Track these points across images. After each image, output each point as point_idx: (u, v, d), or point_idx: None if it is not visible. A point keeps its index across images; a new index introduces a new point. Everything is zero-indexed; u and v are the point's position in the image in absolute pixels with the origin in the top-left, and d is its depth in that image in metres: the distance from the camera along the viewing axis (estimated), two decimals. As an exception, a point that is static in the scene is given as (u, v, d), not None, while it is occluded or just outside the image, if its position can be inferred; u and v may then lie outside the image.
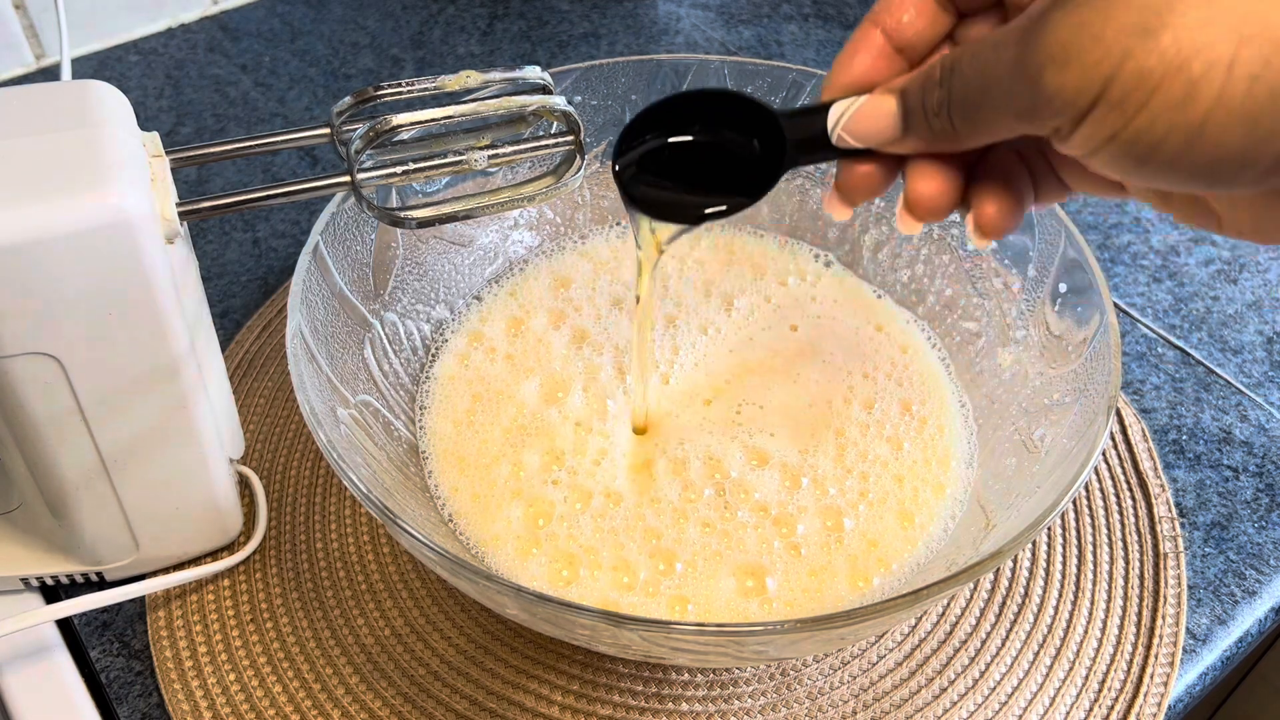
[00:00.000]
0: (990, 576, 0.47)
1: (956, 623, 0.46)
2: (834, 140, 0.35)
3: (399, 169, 0.40)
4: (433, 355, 0.51)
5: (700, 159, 0.38)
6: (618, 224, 0.57)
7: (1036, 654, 0.45)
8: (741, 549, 0.44)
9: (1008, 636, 0.45)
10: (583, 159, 0.43)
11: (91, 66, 0.75)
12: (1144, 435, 0.53)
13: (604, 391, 0.49)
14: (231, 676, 0.43)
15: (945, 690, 0.44)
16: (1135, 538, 0.49)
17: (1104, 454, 0.52)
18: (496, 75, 0.42)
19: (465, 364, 0.50)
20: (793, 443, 0.47)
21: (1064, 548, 0.48)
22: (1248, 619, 0.47)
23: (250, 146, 0.41)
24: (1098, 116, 0.26)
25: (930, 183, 0.34)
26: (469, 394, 0.49)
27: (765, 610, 0.42)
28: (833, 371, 0.50)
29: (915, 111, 0.32)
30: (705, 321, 0.52)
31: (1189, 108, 0.25)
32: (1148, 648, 0.45)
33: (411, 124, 0.39)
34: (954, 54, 0.31)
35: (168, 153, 0.39)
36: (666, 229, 0.39)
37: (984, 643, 0.45)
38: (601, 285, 0.54)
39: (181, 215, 0.38)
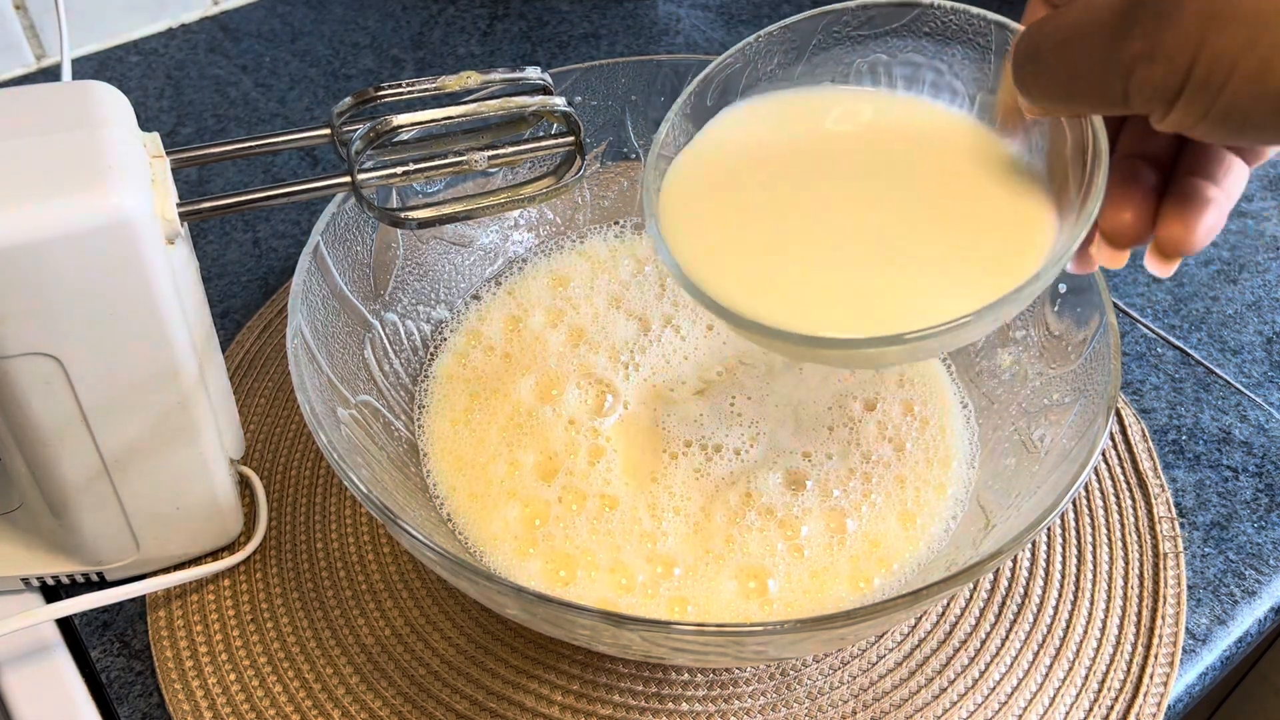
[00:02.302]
0: (990, 576, 0.47)
1: (956, 623, 0.46)
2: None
3: (399, 169, 0.40)
4: (432, 354, 0.51)
5: None
6: (616, 223, 0.57)
7: (1036, 654, 0.45)
8: (745, 552, 0.44)
9: (1007, 636, 0.45)
10: (583, 159, 0.43)
11: (92, 67, 0.75)
12: (1143, 435, 0.53)
13: (601, 390, 0.49)
14: (232, 676, 0.43)
15: (945, 690, 0.44)
16: (1135, 538, 0.49)
17: (1104, 454, 0.52)
18: (497, 76, 0.42)
19: (463, 363, 0.50)
20: (795, 443, 0.47)
21: (1064, 548, 0.48)
22: (1247, 619, 0.47)
23: (251, 147, 0.41)
24: (1187, 99, 0.28)
25: (1121, 215, 0.35)
26: (467, 392, 0.49)
27: (765, 611, 0.42)
28: (833, 371, 0.50)
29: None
30: (705, 319, 0.52)
31: (1268, 79, 0.27)
32: (1147, 648, 0.45)
33: (412, 124, 0.39)
34: (1033, 42, 0.32)
35: (168, 153, 0.39)
36: None
37: (984, 643, 0.45)
38: (600, 284, 0.54)
39: (182, 216, 0.38)
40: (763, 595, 0.42)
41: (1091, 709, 0.43)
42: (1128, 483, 0.51)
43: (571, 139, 0.42)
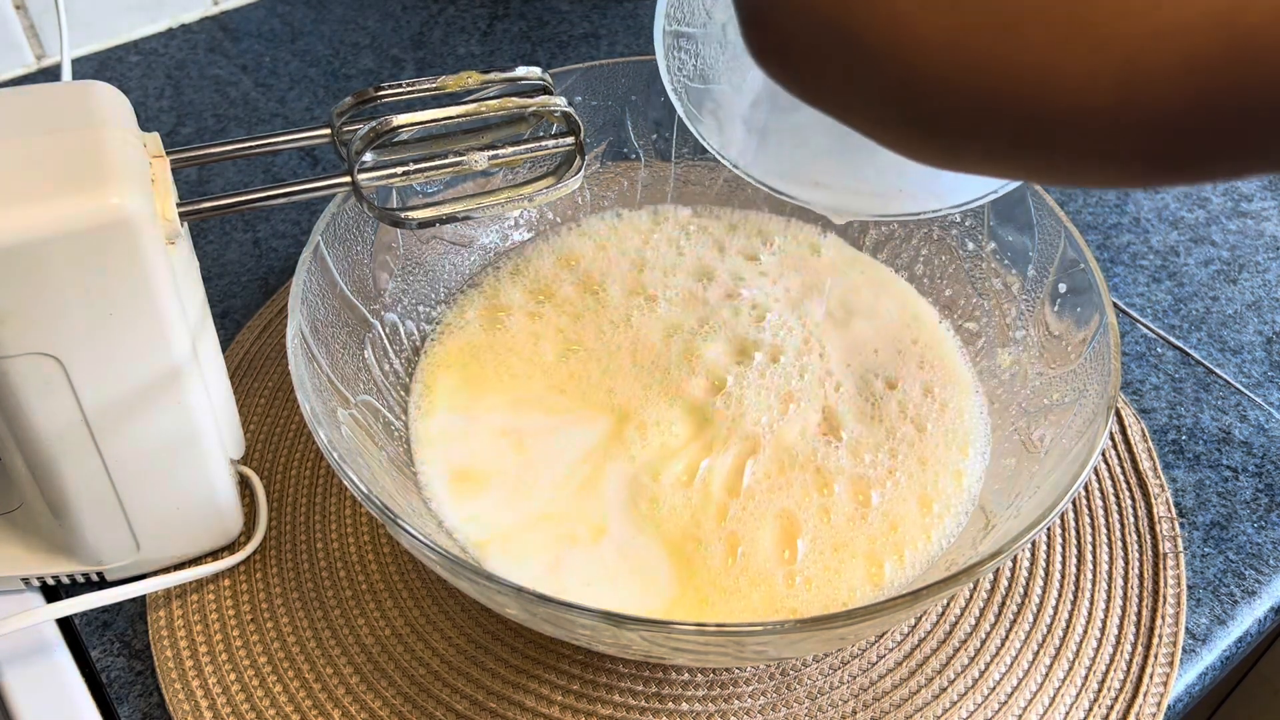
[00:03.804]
0: (990, 576, 0.47)
1: (956, 623, 0.46)
2: None
3: (399, 169, 0.40)
4: (424, 351, 0.51)
5: None
6: (616, 216, 0.57)
7: (1036, 654, 0.45)
8: (787, 493, 0.45)
9: (1007, 636, 0.45)
10: (583, 159, 0.43)
11: (92, 67, 0.75)
12: (1143, 435, 0.53)
13: (591, 378, 0.49)
14: (232, 676, 0.43)
15: (945, 690, 0.44)
16: (1135, 538, 0.49)
17: (1103, 454, 0.52)
18: (497, 75, 0.42)
19: (452, 353, 0.50)
20: (829, 395, 0.48)
21: (1064, 548, 0.48)
22: (1247, 619, 0.47)
23: (251, 147, 0.41)
24: None
25: None
26: (459, 382, 0.49)
27: (789, 586, 0.42)
28: (861, 344, 0.51)
29: None
30: (741, 273, 0.53)
31: None
32: (1147, 648, 0.45)
33: (412, 124, 0.39)
34: None
35: (168, 153, 0.39)
36: None
37: (984, 643, 0.45)
38: (599, 265, 0.54)
39: (182, 216, 0.38)
40: (791, 564, 0.43)
41: (1091, 709, 0.43)
42: (1128, 483, 0.51)
43: (571, 139, 0.42)
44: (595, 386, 0.49)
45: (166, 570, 0.46)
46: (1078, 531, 0.49)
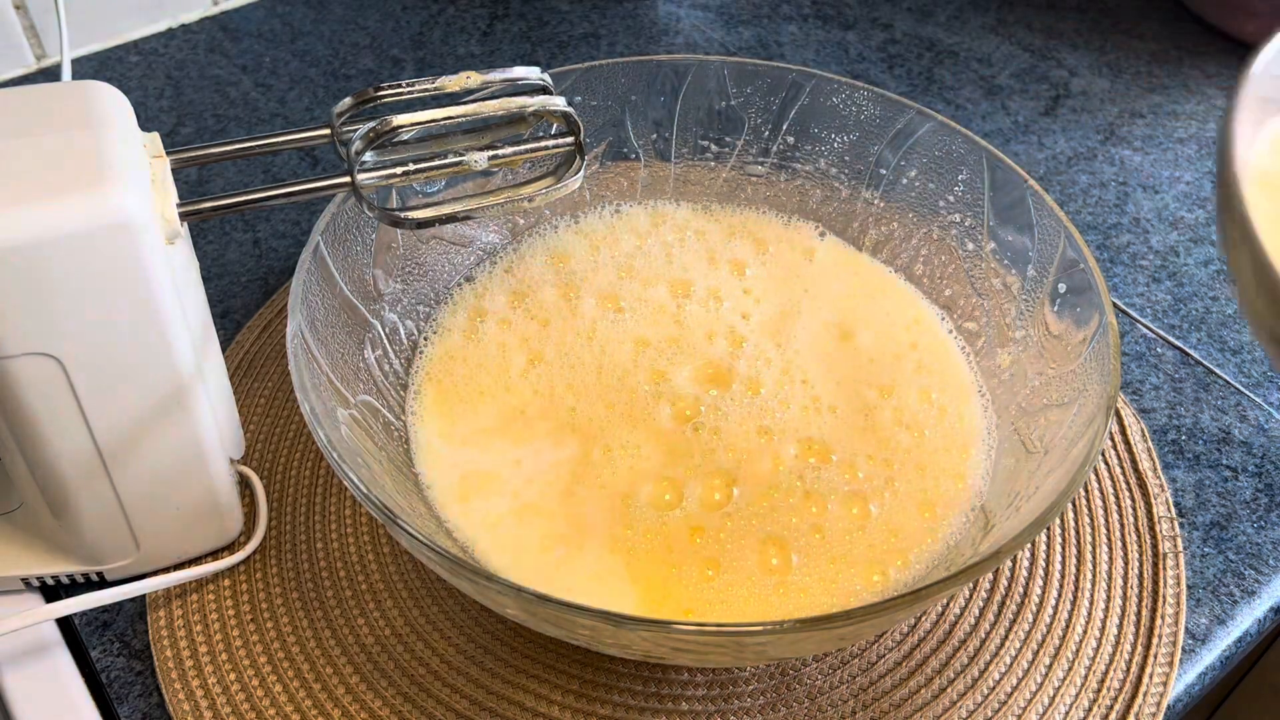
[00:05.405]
0: (990, 576, 0.47)
1: (956, 622, 0.46)
2: None
3: (399, 170, 0.40)
4: (421, 352, 0.51)
5: None
6: (615, 207, 0.57)
7: (1036, 654, 0.45)
8: (774, 520, 0.44)
9: (1007, 636, 0.45)
10: (583, 159, 0.43)
11: (92, 67, 0.75)
12: (1143, 435, 0.53)
13: (582, 374, 0.49)
14: (232, 676, 0.43)
15: (945, 690, 0.44)
16: (1134, 538, 0.49)
17: (1103, 454, 0.52)
18: (496, 76, 0.42)
19: (449, 351, 0.50)
20: (812, 425, 0.47)
21: (1063, 548, 0.48)
22: (1247, 619, 0.47)
23: (251, 147, 0.41)
24: None
25: None
26: (455, 380, 0.49)
27: (781, 593, 0.42)
28: (853, 354, 0.50)
29: None
30: (720, 293, 0.53)
31: None
32: (1147, 648, 0.45)
33: (412, 125, 0.39)
34: None
35: (168, 153, 0.39)
36: None
37: (983, 642, 0.45)
38: (583, 268, 0.54)
39: (182, 216, 0.38)
40: (784, 573, 0.42)
41: (1091, 709, 0.43)
42: (1127, 483, 0.51)
43: (571, 139, 0.42)
44: (558, 405, 0.48)
45: (166, 570, 0.46)
46: (1078, 531, 0.49)
